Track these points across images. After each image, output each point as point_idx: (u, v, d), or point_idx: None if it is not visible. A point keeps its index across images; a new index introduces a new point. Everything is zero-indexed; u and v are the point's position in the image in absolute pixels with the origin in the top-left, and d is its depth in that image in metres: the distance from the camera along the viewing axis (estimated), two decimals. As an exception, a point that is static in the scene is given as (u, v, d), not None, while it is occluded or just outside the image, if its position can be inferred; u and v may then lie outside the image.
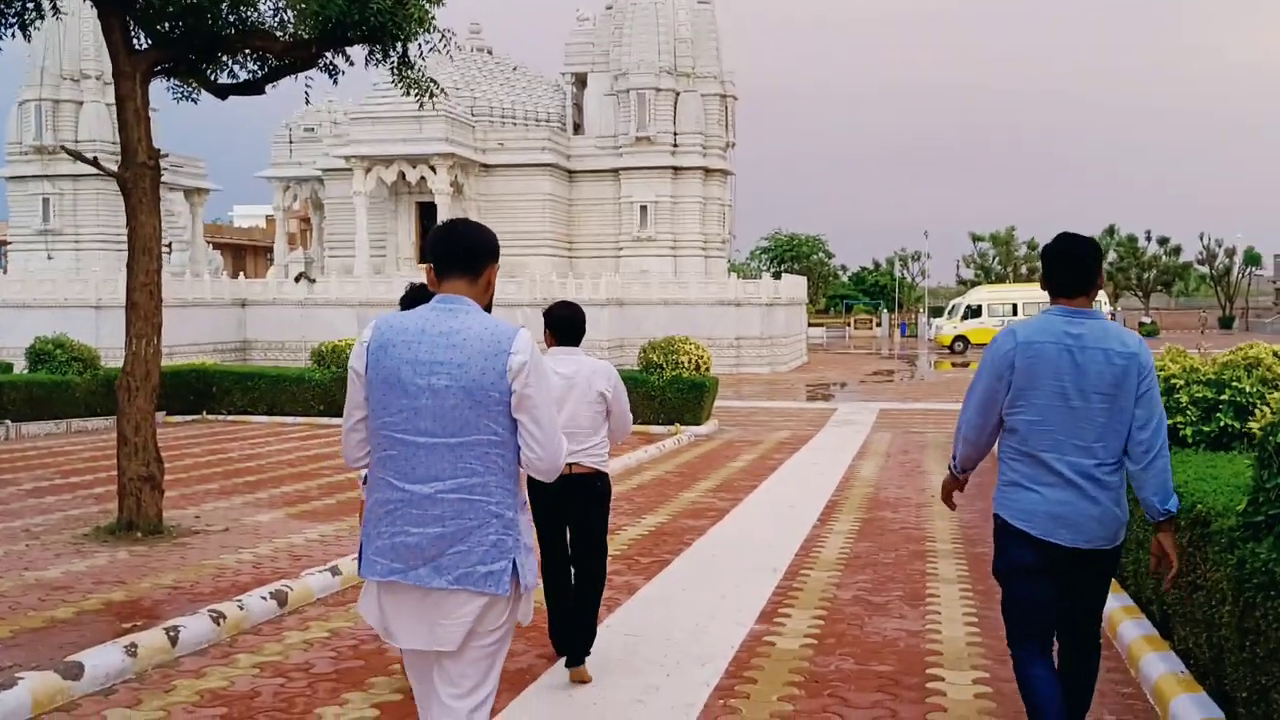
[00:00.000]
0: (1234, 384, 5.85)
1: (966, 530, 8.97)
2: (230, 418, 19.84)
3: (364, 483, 4.81)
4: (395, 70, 8.77)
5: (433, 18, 8.52)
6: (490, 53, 45.28)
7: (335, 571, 6.88)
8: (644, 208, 40.31)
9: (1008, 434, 3.72)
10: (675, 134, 40.54)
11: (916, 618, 6.14)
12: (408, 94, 8.96)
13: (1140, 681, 4.89)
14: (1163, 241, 76.97)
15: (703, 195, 41.03)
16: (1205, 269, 77.87)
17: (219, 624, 5.79)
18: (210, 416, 20.01)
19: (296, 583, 6.54)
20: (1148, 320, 65.06)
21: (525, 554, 2.86)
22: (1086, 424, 3.55)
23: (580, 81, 43.02)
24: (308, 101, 9.39)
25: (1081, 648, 3.82)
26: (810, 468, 13.22)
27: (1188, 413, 5.94)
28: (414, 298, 4.79)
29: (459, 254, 2.90)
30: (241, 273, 42.20)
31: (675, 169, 40.47)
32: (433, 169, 37.54)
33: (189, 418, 19.76)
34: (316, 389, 19.56)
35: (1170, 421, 6.00)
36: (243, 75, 9.14)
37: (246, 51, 8.75)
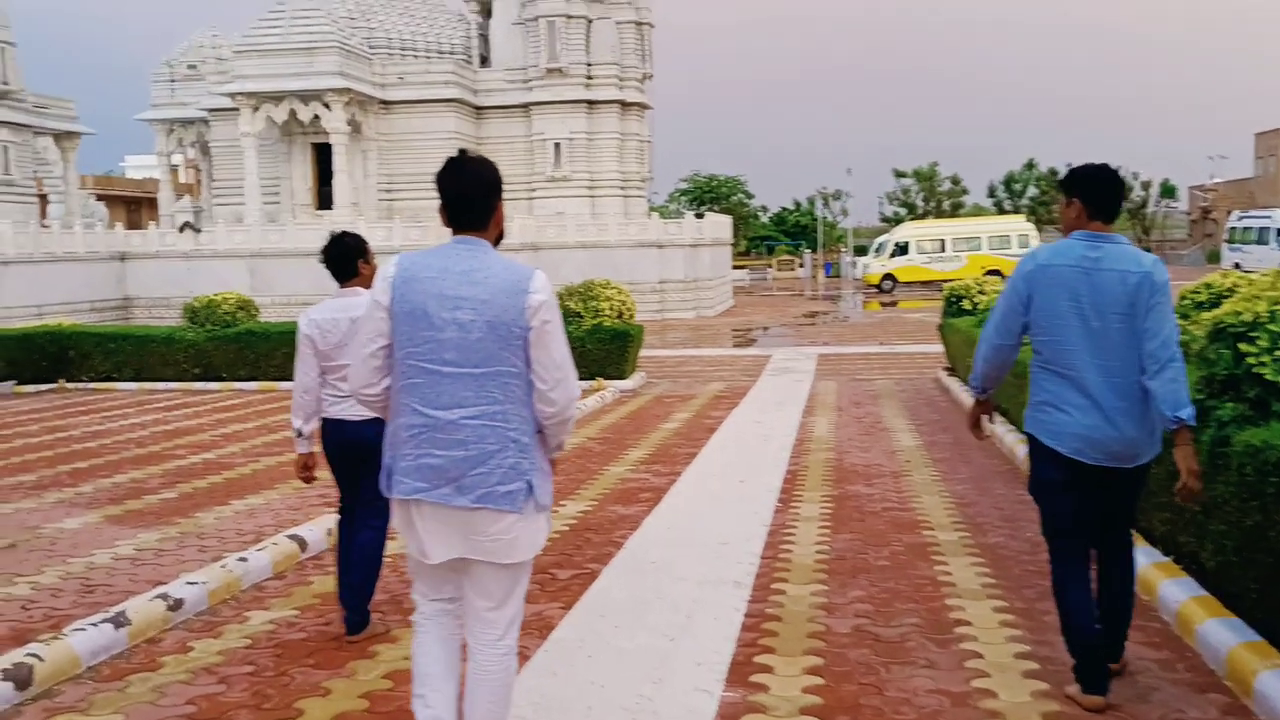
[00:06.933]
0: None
1: (964, 508, 7.21)
2: (93, 385, 17.39)
3: (299, 436, 4.75)
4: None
5: None
6: (388, -19, 42.16)
7: (120, 622, 4.80)
8: (558, 145, 37.95)
9: (1036, 354, 3.86)
10: (589, 65, 38.12)
11: (952, 666, 4.31)
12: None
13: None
14: (1082, 175, 76.42)
15: (620, 131, 38.77)
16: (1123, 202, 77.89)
17: (-97, 733, 3.74)
18: (70, 385, 17.53)
19: (52, 649, 4.46)
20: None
21: (541, 477, 3.05)
22: (1106, 343, 3.66)
23: (485, 10, 40.27)
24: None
25: (1114, 558, 3.96)
26: (754, 427, 11.40)
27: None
28: (336, 252, 4.78)
29: (465, 212, 3.04)
30: (119, 225, 38.76)
31: (590, 103, 38.10)
32: (327, 106, 34.63)
33: (44, 386, 17.27)
34: (190, 350, 17.20)
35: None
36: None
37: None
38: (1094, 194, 3.83)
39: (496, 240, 3.12)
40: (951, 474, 8.49)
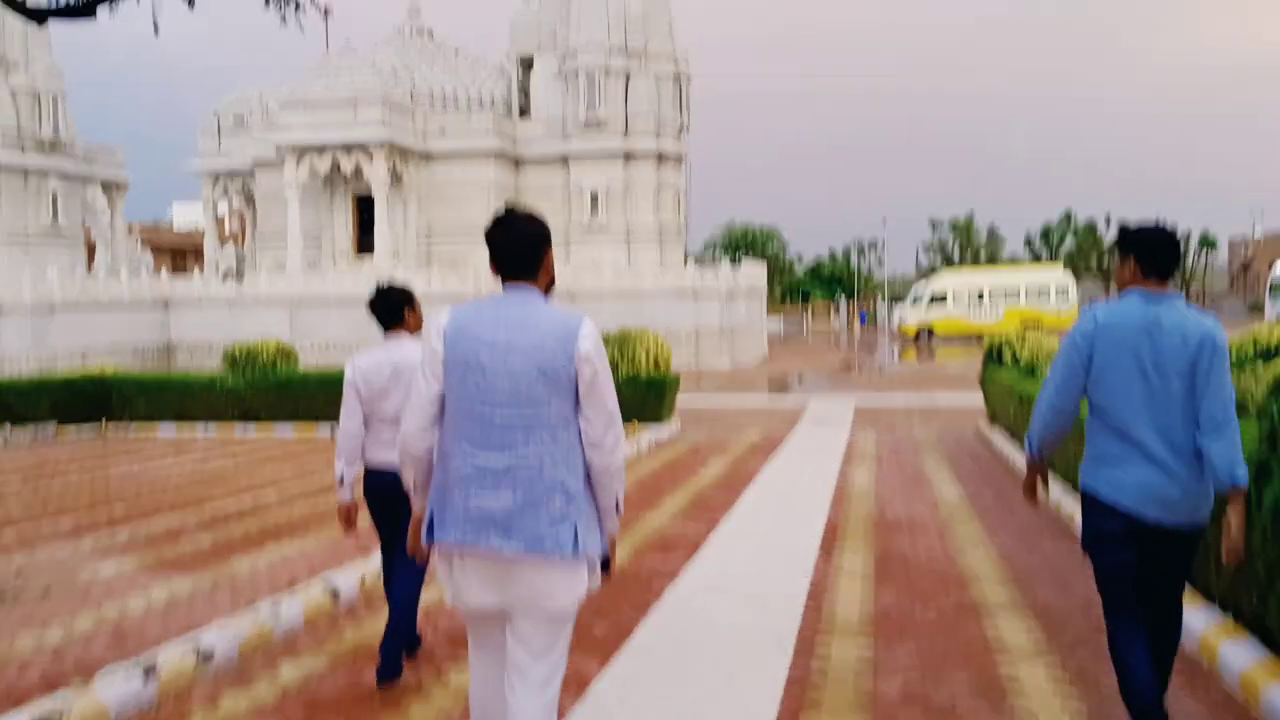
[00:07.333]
0: None
1: (1011, 563, 7.01)
2: (134, 429, 17.53)
3: (341, 482, 4.75)
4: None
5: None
6: (430, 35, 42.92)
7: (150, 672, 4.73)
8: (595, 195, 38.20)
9: (1094, 411, 3.83)
10: (627, 117, 38.43)
11: (1006, 732, 4.14)
12: (267, 4, 6.73)
13: None
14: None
15: (657, 181, 38.97)
16: (1163, 253, 77.12)
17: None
18: (111, 429, 17.68)
19: (80, 698, 4.39)
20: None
21: (588, 524, 3.04)
22: (1166, 402, 3.66)
23: (526, 64, 40.76)
24: (156, 32, 7.17)
25: (1164, 619, 3.88)
26: (793, 478, 11.23)
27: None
28: (383, 301, 4.83)
29: (515, 263, 3.10)
30: (164, 270, 39.37)
31: (627, 154, 38.37)
32: (369, 157, 35.12)
33: (86, 430, 17.43)
34: (230, 395, 17.30)
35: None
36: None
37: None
38: (1150, 253, 3.84)
39: (548, 288, 3.16)
40: (997, 528, 8.28)
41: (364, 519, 6.14)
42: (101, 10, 7.12)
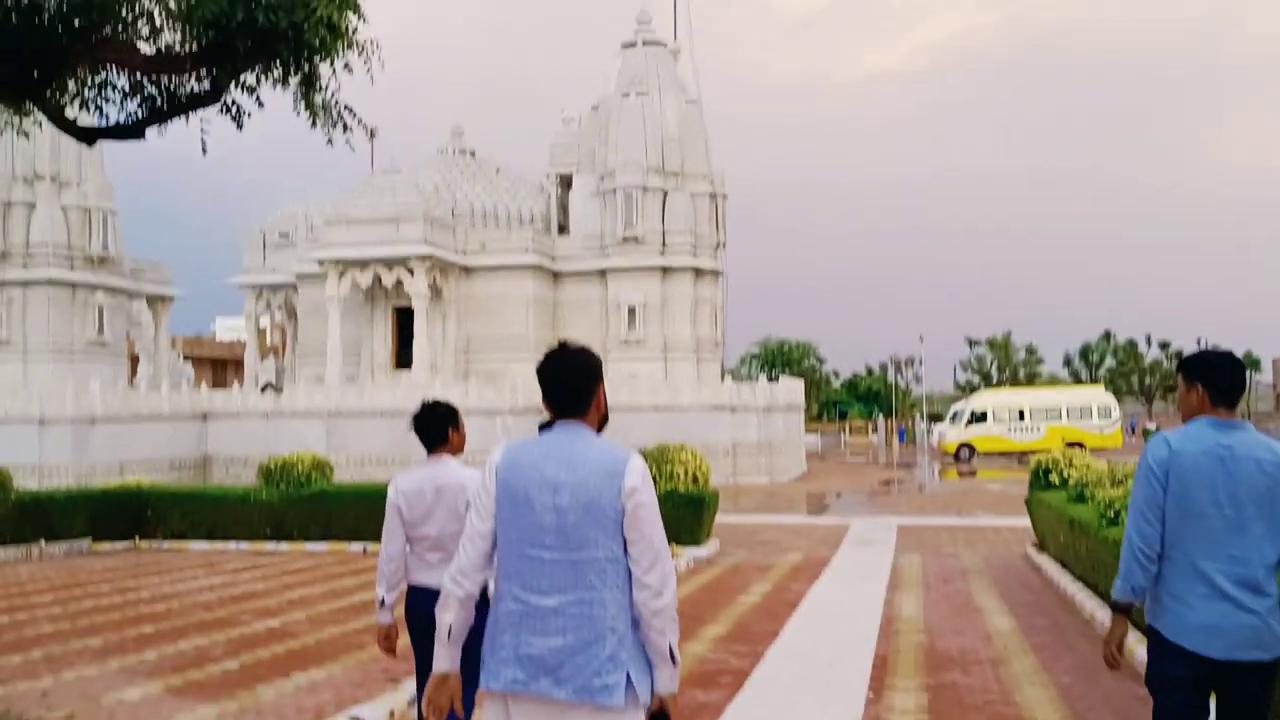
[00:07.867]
0: None
1: (1072, 702, 6.64)
2: (167, 544, 17.43)
3: (381, 605, 4.66)
4: (299, 92, 6.61)
5: (351, 29, 6.36)
6: (473, 155, 43.98)
7: (168, 813, 4.49)
8: (632, 309, 38.44)
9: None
10: (664, 233, 38.94)
11: None
12: (314, 125, 6.79)
13: None
14: (1163, 346, 75.54)
15: (694, 296, 39.22)
16: (1205, 372, 76.19)
17: None
18: (145, 543, 17.58)
19: (94, 842, 4.16)
20: (1152, 426, 62.68)
21: (640, 668, 2.94)
22: (1239, 533, 3.55)
23: (565, 182, 41.59)
24: (204, 152, 7.27)
25: None
26: (839, 603, 10.87)
27: None
28: (429, 419, 4.73)
29: (566, 399, 3.07)
30: (204, 384, 39.84)
31: (664, 269, 38.75)
32: (410, 272, 35.68)
33: (121, 545, 17.36)
34: (264, 510, 17.19)
35: None
36: (115, 114, 7.04)
37: (107, 77, 6.63)
38: (1217, 380, 3.74)
39: (601, 423, 3.13)
40: (1054, 662, 7.89)
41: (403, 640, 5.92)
42: (150, 130, 7.25)
